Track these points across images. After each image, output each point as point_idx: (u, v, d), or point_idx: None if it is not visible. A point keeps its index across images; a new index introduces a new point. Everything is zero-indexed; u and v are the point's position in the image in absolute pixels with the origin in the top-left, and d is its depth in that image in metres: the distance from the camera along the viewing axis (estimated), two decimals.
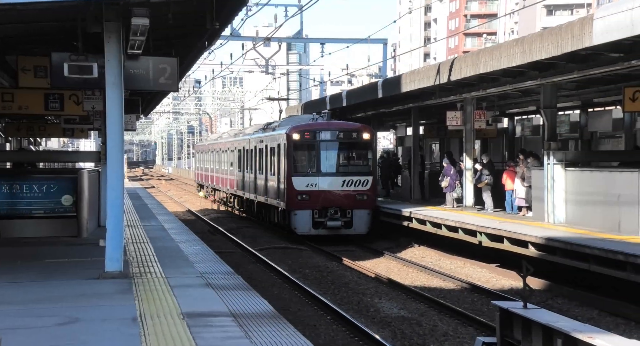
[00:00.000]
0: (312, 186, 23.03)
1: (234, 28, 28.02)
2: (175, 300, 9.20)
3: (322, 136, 23.32)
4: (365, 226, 23.15)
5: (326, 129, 23.49)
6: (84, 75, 10.62)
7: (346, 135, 23.45)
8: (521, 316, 9.14)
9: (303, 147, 23.50)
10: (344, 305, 14.27)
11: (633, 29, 12.66)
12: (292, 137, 23.32)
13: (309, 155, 23.45)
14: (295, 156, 23.42)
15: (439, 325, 12.57)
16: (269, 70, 35.72)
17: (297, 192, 23.02)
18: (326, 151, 23.29)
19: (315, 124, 24.02)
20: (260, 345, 7.12)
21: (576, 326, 8.43)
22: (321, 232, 22.93)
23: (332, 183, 23.13)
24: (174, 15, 10.48)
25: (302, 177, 23.11)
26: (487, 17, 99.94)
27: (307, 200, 22.93)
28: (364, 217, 23.08)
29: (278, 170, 24.35)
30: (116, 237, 10.68)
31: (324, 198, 22.97)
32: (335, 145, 23.44)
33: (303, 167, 23.38)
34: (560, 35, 14.79)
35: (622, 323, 12.74)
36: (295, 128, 23.56)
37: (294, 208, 23.06)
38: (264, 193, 26.60)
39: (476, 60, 18.56)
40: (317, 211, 22.96)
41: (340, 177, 23.13)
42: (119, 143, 10.65)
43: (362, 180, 23.14)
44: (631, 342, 7.66)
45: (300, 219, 23.00)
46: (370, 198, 23.27)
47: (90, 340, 7.36)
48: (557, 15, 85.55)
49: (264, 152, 26.80)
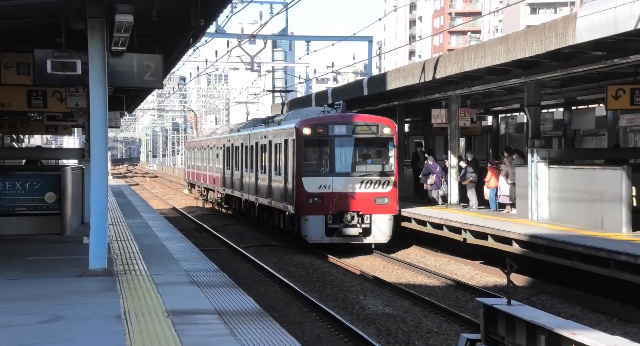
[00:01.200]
0: (325, 188, 20.35)
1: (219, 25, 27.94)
2: (160, 298, 9.17)
3: (337, 130, 20.57)
4: (386, 233, 20.36)
5: (341, 123, 20.67)
6: (67, 72, 10.56)
7: (364, 129, 20.70)
8: (505, 312, 9.18)
9: (315, 143, 20.87)
10: (329, 302, 14.27)
11: (616, 27, 12.74)
12: (303, 131, 20.57)
13: (322, 152, 20.82)
14: (305, 153, 20.75)
15: (423, 322, 12.60)
16: (254, 67, 35.64)
17: (307, 194, 20.33)
18: (341, 148, 20.63)
19: (328, 117, 21.23)
20: (245, 343, 7.11)
21: (559, 322, 8.48)
22: (335, 240, 20.29)
23: (348, 184, 20.46)
24: (158, 12, 10.43)
25: (313, 177, 20.44)
26: (471, 15, 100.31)
27: (320, 203, 20.26)
28: (384, 223, 20.36)
29: (285, 170, 21.77)
30: (100, 234, 10.64)
31: (339, 202, 20.31)
32: (351, 140, 20.72)
33: (315, 166, 20.76)
34: (543, 33, 14.86)
35: (605, 319, 12.82)
36: (306, 122, 20.84)
37: (304, 212, 20.40)
38: (266, 195, 24.06)
39: (461, 58, 18.61)
40: (330, 216, 20.24)
41: (358, 177, 20.48)
42: (102, 140, 10.60)
43: (382, 181, 20.47)
44: (613, 338, 7.71)
45: (311, 225, 20.30)
46: (391, 201, 20.56)
47: (74, 338, 7.32)
48: (540, 14, 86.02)
49: (266, 148, 24.23)
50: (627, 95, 15.98)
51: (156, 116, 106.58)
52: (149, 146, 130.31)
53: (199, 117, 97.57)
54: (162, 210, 33.93)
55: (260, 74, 43.58)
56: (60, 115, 20.02)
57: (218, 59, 37.08)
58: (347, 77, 52.22)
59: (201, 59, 39.38)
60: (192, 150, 43.81)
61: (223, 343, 7.08)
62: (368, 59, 35.87)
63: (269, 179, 23.67)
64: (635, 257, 12.66)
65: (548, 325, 8.38)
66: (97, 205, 10.64)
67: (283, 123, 22.97)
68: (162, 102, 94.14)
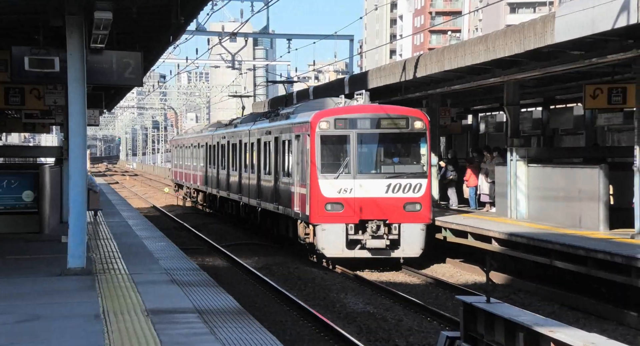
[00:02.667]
0: (346, 192, 17.37)
1: (199, 23, 27.87)
2: (140, 297, 9.13)
3: (360, 124, 17.63)
4: (417, 246, 17.31)
5: (364, 116, 17.73)
6: (46, 69, 10.50)
7: (391, 123, 17.74)
8: (484, 310, 9.23)
9: (333, 140, 17.80)
10: (310, 300, 14.27)
11: (594, 27, 12.84)
12: (320, 126, 17.56)
13: (342, 150, 17.78)
14: (323, 152, 17.66)
15: (404, 320, 12.63)
16: (235, 65, 35.55)
17: (325, 199, 17.34)
18: (365, 145, 17.76)
19: (349, 109, 18.23)
20: (225, 341, 7.09)
21: (538, 320, 8.54)
22: (358, 254, 17.27)
23: (374, 187, 17.44)
24: (138, 9, 10.37)
25: (332, 179, 17.46)
26: (451, 14, 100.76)
27: (339, 210, 17.32)
28: (416, 233, 17.29)
29: (297, 170, 18.72)
30: (79, 233, 10.57)
31: (362, 209, 17.28)
32: (376, 136, 17.84)
33: (333, 167, 17.66)
34: (523, 33, 14.95)
35: (582, 317, 12.92)
36: (324, 115, 17.85)
37: (320, 221, 17.35)
38: (272, 199, 21.02)
39: (441, 58, 18.68)
40: (352, 226, 17.23)
41: (385, 179, 17.51)
42: (81, 138, 10.54)
43: (413, 184, 17.45)
44: (591, 335, 7.78)
45: (329, 236, 17.24)
46: (424, 208, 17.52)
47: (52, 337, 7.26)
48: (520, 13, 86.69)
49: (271, 146, 21.39)
50: (604, 95, 16.11)
51: (136, 114, 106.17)
52: (129, 144, 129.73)
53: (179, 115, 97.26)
54: (142, 208, 33.78)
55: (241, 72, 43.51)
56: (38, 113, 19.84)
57: (199, 57, 36.98)
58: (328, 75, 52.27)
59: (182, 56, 39.27)
60: (180, 148, 40.85)
61: (203, 342, 7.05)
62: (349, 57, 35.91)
63: (275, 181, 20.86)
64: (612, 255, 12.77)
65: (526, 322, 8.44)
66: (75, 203, 10.57)
67: (292, 116, 20.08)
68: (142, 100, 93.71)
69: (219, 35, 30.34)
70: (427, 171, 17.87)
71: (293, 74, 48.04)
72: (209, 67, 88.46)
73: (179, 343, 7.00)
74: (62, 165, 17.40)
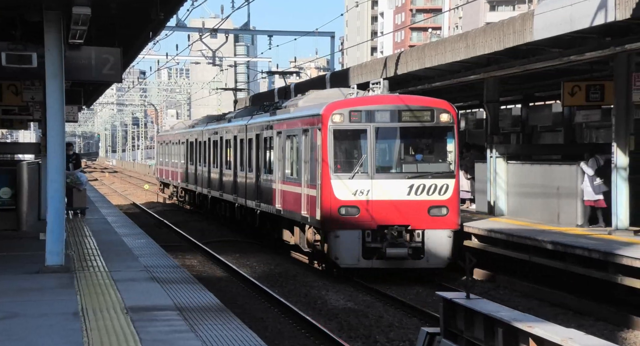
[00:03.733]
0: (362, 194, 15.33)
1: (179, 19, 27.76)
2: (119, 294, 9.07)
3: (378, 117, 15.53)
4: (444, 255, 15.35)
5: (383, 107, 15.60)
6: (23, 65, 10.41)
7: (414, 115, 15.60)
8: (464, 306, 9.27)
9: (348, 135, 15.77)
10: (291, 297, 14.27)
11: (572, 25, 12.93)
12: (332, 119, 15.50)
13: (358, 146, 15.78)
14: (336, 148, 15.63)
15: (384, 316, 12.67)
16: (216, 62, 35.43)
17: (339, 202, 15.30)
18: (384, 140, 15.74)
19: (366, 100, 16.17)
20: (206, 339, 7.07)
21: (516, 315, 8.59)
22: (376, 264, 15.36)
23: (394, 189, 15.37)
24: (117, 5, 10.30)
25: (346, 179, 15.39)
26: (432, 11, 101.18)
27: (355, 215, 15.25)
28: (442, 241, 15.32)
29: (305, 169, 16.60)
30: (57, 230, 10.48)
31: (381, 213, 15.26)
32: (398, 130, 15.73)
33: (348, 165, 15.62)
34: (502, 30, 15.03)
35: (561, 312, 13.01)
36: (337, 107, 15.74)
37: (333, 227, 15.31)
38: (274, 201, 18.86)
39: (422, 55, 18.73)
40: (369, 232, 15.22)
41: (406, 179, 15.42)
42: (59, 135, 10.45)
43: (439, 185, 15.40)
44: (568, 331, 7.84)
45: (343, 244, 15.22)
46: (451, 212, 15.48)
47: (29, 335, 7.19)
48: (499, 11, 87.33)
49: (272, 142, 19.32)
50: (582, 92, 16.23)
51: (115, 110, 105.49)
52: (108, 141, 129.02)
53: (159, 111, 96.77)
54: (122, 205, 33.60)
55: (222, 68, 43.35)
56: (16, 109, 19.66)
57: (179, 53, 36.83)
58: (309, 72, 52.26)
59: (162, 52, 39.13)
60: (166, 144, 38.61)
61: (183, 340, 7.02)
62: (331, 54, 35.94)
63: (279, 181, 18.64)
64: (590, 251, 12.87)
65: (505, 318, 8.49)
66: (53, 200, 10.48)
67: (298, 109, 18.11)
68: (122, 96, 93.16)
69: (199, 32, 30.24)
70: (455, 170, 15.68)
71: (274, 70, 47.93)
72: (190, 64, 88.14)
73: (159, 341, 6.96)
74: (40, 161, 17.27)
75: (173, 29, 28.14)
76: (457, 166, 15.85)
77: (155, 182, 44.96)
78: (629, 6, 11.66)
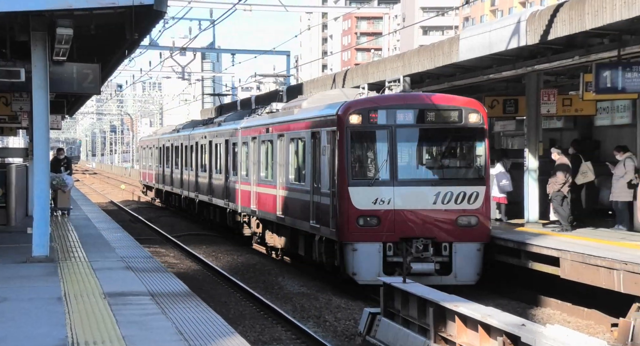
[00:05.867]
0: (383, 203, 12.36)
1: (152, 38, 27.44)
2: (98, 282, 9.00)
3: (400, 118, 12.53)
4: (473, 270, 12.43)
5: (405, 106, 12.61)
6: (12, 79, 10.35)
7: (440, 115, 12.61)
8: (400, 289, 9.45)
9: (367, 138, 12.79)
10: (251, 283, 14.27)
11: (491, 48, 13.21)
12: (349, 120, 12.48)
13: (377, 150, 12.75)
14: (354, 152, 12.71)
15: (333, 299, 12.74)
16: (185, 76, 35.17)
17: (357, 212, 12.34)
18: (407, 143, 12.73)
19: (387, 98, 13.18)
20: (175, 320, 7.07)
21: (445, 297, 8.79)
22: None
23: (418, 197, 12.46)
24: (96, 26, 10.22)
25: (365, 186, 12.43)
26: (374, 35, 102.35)
27: (375, 226, 12.35)
28: (471, 254, 12.41)
29: (315, 176, 13.64)
30: (42, 224, 10.37)
31: (404, 224, 12.36)
32: (422, 132, 12.83)
33: (367, 171, 12.72)
34: (433, 52, 15.28)
35: (483, 294, 13.23)
36: (354, 106, 12.70)
37: (351, 239, 12.33)
38: (278, 208, 15.74)
39: (365, 72, 18.92)
40: (391, 245, 12.36)
41: (432, 186, 12.51)
42: (44, 141, 10.35)
43: (468, 193, 12.44)
44: (488, 309, 8.05)
45: (362, 258, 12.28)
46: (481, 223, 12.54)
47: (18, 317, 7.11)
48: (430, 35, 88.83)
49: (270, 147, 16.30)
50: (500, 105, 16.61)
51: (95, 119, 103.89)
52: (89, 146, 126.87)
53: (134, 120, 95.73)
54: (101, 203, 33.10)
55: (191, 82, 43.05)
56: (6, 118, 19.33)
57: (152, 69, 36.44)
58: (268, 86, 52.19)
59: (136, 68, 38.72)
60: (150, 149, 35.15)
61: (155, 321, 7.01)
62: (286, 70, 35.92)
63: (287, 188, 15.44)
64: (506, 240, 13.11)
65: (435, 299, 8.68)
66: (39, 198, 10.38)
67: (302, 111, 15.02)
68: (101, 106, 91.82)
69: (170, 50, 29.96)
70: (486, 176, 12.73)
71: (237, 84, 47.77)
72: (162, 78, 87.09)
73: (133, 322, 6.94)
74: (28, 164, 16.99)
75: (147, 48, 27.82)
76: (488, 172, 12.84)
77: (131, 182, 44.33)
78: (537, 33, 11.97)
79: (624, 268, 10.19)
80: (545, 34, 11.69)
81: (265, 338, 10.15)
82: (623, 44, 11.60)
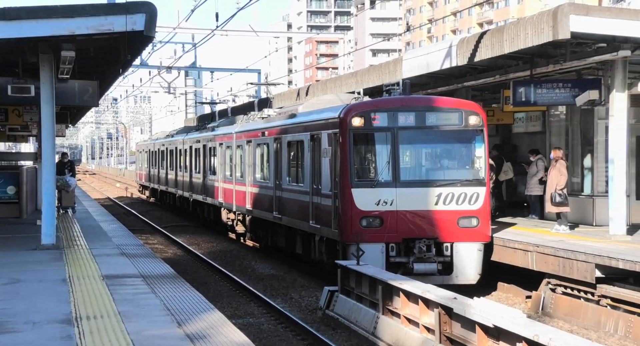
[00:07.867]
0: (386, 204, 10.91)
1: (142, 59, 27.17)
2: (97, 266, 8.96)
3: (402, 120, 11.13)
4: (474, 270, 10.97)
5: (407, 109, 11.19)
6: (24, 94, 10.36)
7: (441, 117, 11.23)
8: (355, 271, 9.58)
9: (369, 140, 11.36)
10: (229, 267, 14.26)
11: (428, 68, 13.44)
12: (352, 122, 11.02)
13: (379, 152, 11.28)
14: (357, 154, 11.27)
15: (298, 280, 12.81)
16: (170, 91, 34.88)
17: (360, 213, 10.90)
18: (409, 145, 11.36)
19: (386, 101, 11.57)
20: (163, 298, 7.10)
21: (392, 276, 8.95)
22: None
23: (420, 198, 10.99)
24: (95, 49, 10.19)
25: (368, 188, 10.96)
26: (331, 56, 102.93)
27: (377, 227, 10.91)
28: (472, 254, 10.97)
29: (317, 178, 12.07)
30: (50, 217, 10.32)
31: (406, 224, 10.92)
32: (423, 134, 11.31)
33: (369, 173, 11.24)
34: (381, 71, 15.47)
35: None
36: (356, 109, 11.20)
37: (354, 240, 10.40)
38: (271, 208, 14.30)
39: (325, 87, 19.05)
40: (393, 245, 10.90)
41: (433, 188, 11.03)
42: (51, 146, 10.34)
43: (469, 194, 11.05)
44: (428, 286, 8.21)
45: (365, 259, 10.23)
46: (482, 223, 11.09)
47: (30, 295, 7.11)
48: (379, 57, 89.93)
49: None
50: None
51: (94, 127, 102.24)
52: (89, 150, 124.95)
53: (128, 128, 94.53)
54: (99, 199, 32.61)
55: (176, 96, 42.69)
56: (19, 127, 19.07)
57: (142, 84, 36.03)
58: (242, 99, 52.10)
59: (129, 84, 38.13)
60: (145, 152, 33.28)
61: (146, 299, 7.03)
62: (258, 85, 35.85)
63: (278, 189, 14.01)
64: None
65: (383, 278, 8.82)
66: (47, 195, 10.35)
67: (301, 115, 13.49)
68: (99, 117, 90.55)
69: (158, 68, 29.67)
70: (485, 177, 11.25)
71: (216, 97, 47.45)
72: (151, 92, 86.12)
73: (127, 300, 6.95)
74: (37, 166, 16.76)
75: (138, 67, 27.51)
76: (488, 173, 11.45)
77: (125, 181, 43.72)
78: (465, 56, 12.22)
79: (536, 250, 10.48)
80: (472, 56, 11.95)
81: (240, 313, 10.19)
82: (534, 65, 11.93)
